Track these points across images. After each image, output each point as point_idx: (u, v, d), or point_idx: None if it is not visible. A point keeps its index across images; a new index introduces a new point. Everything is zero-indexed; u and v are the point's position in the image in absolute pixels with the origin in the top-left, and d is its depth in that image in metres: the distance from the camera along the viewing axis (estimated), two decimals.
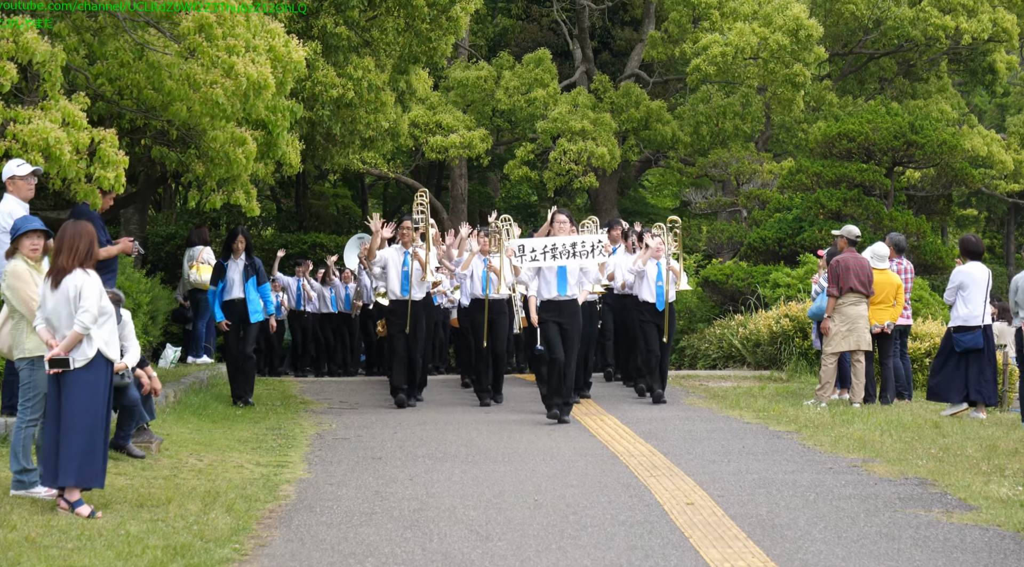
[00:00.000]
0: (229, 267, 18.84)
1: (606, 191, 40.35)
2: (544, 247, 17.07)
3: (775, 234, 31.00)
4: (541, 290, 17.24)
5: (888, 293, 18.93)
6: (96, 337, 10.56)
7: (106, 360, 10.67)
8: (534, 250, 17.08)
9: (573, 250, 17.01)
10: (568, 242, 17.04)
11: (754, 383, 22.36)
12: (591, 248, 17.02)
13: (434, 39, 23.45)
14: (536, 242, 17.21)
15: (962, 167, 32.76)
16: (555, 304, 17.09)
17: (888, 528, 10.21)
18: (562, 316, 17.04)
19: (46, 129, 12.95)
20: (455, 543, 9.71)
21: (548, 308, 17.14)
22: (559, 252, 17.00)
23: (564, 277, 17.08)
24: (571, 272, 17.09)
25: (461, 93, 38.51)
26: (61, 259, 10.59)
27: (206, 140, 16.17)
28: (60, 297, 10.54)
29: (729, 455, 14.11)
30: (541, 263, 17.03)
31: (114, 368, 10.97)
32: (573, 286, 17.14)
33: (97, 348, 10.57)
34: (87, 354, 10.53)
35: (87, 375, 10.55)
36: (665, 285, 19.33)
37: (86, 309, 10.43)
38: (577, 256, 16.99)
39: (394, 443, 15.15)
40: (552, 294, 17.11)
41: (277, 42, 15.77)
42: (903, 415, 17.28)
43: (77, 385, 10.51)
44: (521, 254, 17.13)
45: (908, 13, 38.25)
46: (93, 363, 10.56)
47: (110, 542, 9.38)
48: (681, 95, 43.18)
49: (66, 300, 10.52)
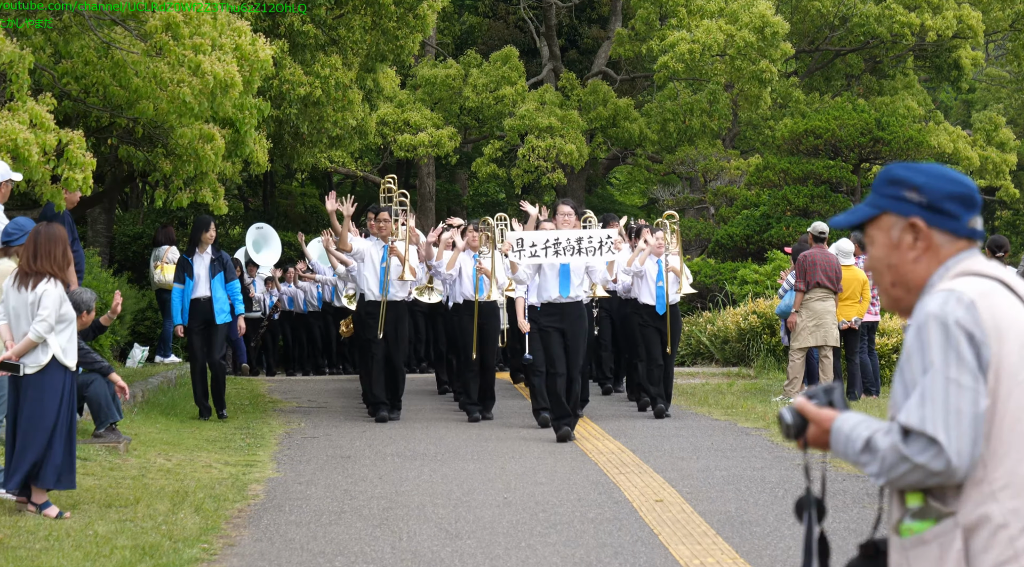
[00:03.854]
0: (195, 262, 17.21)
1: (574, 188, 40.37)
2: (546, 242, 15.50)
3: (743, 231, 31.10)
4: (541, 291, 15.65)
5: (855, 289, 19.01)
6: (53, 343, 10.51)
7: (63, 367, 10.61)
8: (535, 245, 15.48)
9: (578, 246, 15.50)
10: (573, 237, 15.54)
11: (722, 380, 22.41)
12: (599, 244, 15.57)
13: (401, 37, 23.44)
14: (538, 236, 15.64)
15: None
16: (556, 307, 15.53)
17: (856, 524, 10.26)
18: (564, 321, 15.49)
19: (14, 130, 12.91)
20: (424, 541, 9.71)
21: (548, 312, 15.56)
22: (563, 248, 15.48)
23: (567, 276, 15.52)
24: (575, 271, 15.57)
25: (429, 91, 38.49)
26: (37, 262, 10.53)
27: (174, 137, 16.13)
28: (22, 299, 10.50)
29: (698, 452, 14.15)
30: (542, 260, 15.46)
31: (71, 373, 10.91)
32: (577, 287, 15.62)
33: (52, 354, 10.52)
34: (40, 361, 10.49)
35: (42, 380, 10.50)
36: (666, 286, 17.65)
37: (42, 318, 10.38)
38: (583, 253, 15.51)
39: (363, 442, 15.14)
40: (553, 296, 15.54)
41: (244, 40, 15.74)
42: (870, 411, 17.36)
43: (34, 390, 10.47)
44: (520, 248, 15.51)
45: (874, 10, 38.39)
46: (48, 369, 10.51)
47: (78, 542, 9.35)
48: (648, 92, 43.27)
49: (26, 303, 10.48)
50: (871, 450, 3.68)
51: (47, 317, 10.40)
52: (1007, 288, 3.78)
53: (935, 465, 3.59)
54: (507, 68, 37.98)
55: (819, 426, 3.86)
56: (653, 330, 17.62)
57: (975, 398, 3.62)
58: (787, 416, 3.90)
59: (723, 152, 38.32)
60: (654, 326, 17.63)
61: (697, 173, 38.24)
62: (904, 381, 3.71)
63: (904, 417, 3.64)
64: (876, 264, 3.95)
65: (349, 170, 38.77)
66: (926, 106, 42.47)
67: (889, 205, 3.89)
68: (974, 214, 3.87)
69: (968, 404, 3.61)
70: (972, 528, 3.65)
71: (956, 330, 3.65)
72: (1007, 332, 3.68)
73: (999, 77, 53.68)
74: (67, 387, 10.63)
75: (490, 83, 37.79)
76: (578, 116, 37.32)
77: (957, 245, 3.84)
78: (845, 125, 31.05)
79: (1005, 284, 3.79)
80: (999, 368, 3.67)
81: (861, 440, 3.71)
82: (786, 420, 3.91)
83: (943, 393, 3.61)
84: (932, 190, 3.84)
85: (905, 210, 3.86)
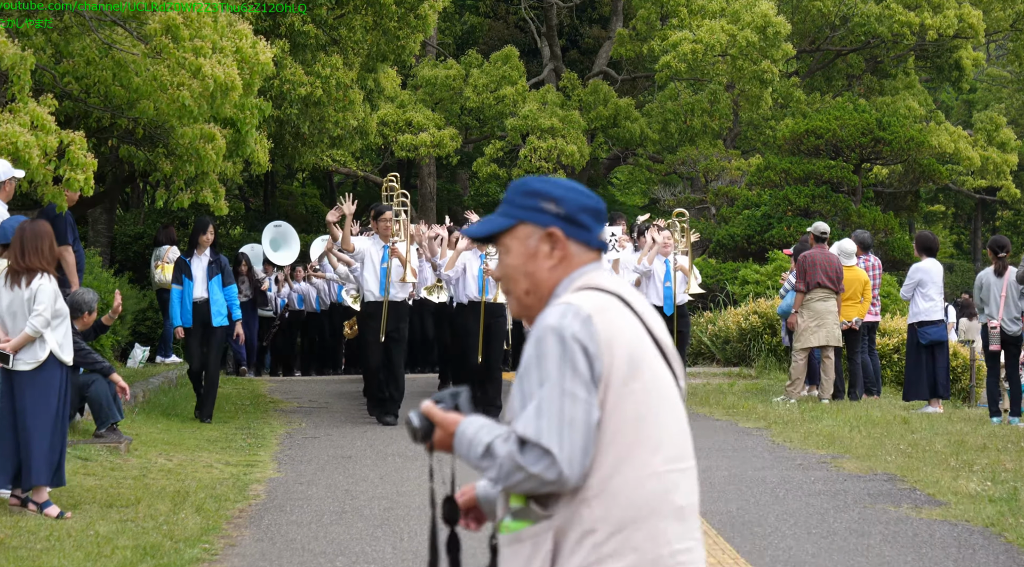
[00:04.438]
0: (192, 264, 17.00)
1: None
2: None
3: (744, 231, 31.10)
4: None
5: (856, 289, 18.99)
6: (49, 339, 10.53)
7: (59, 362, 10.63)
8: None
9: None
10: None
11: (723, 380, 22.39)
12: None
13: (402, 37, 23.43)
14: None
15: (929, 163, 32.93)
16: None
17: (858, 524, 10.24)
18: None
19: (15, 133, 12.91)
20: (425, 541, 9.68)
21: None
22: None
23: None
24: None
25: (429, 91, 38.50)
26: (26, 259, 10.54)
27: (174, 137, 16.11)
28: (17, 296, 10.51)
29: (699, 452, 14.02)
30: None
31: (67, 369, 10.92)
32: None
33: (49, 350, 10.54)
34: (38, 357, 10.50)
35: (39, 376, 10.51)
36: (673, 286, 17.54)
37: (39, 313, 10.40)
38: None
39: (364, 442, 15.13)
40: None
41: (244, 43, 15.72)
42: (872, 411, 17.34)
43: (30, 386, 10.48)
44: None
45: (874, 10, 38.40)
46: (45, 365, 10.52)
47: (79, 543, 9.35)
48: (649, 92, 43.28)
49: (22, 300, 10.49)
50: (491, 456, 3.81)
51: (43, 311, 10.41)
52: (624, 303, 3.92)
53: (548, 475, 3.72)
54: (508, 68, 37.99)
55: (444, 430, 3.97)
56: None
57: (588, 410, 3.75)
58: (414, 420, 4.00)
59: (724, 152, 38.34)
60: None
61: (698, 173, 38.26)
62: (522, 390, 3.82)
63: (521, 427, 3.75)
64: (511, 272, 4.05)
65: (350, 170, 38.77)
66: (927, 106, 42.52)
67: (526, 216, 4.00)
68: (603, 228, 4.06)
69: (581, 416, 3.74)
70: (563, 531, 3.81)
71: (572, 343, 3.77)
72: (618, 347, 3.81)
73: (1000, 77, 53.70)
74: (64, 383, 10.65)
75: (491, 83, 37.80)
76: (579, 116, 37.33)
77: (587, 257, 4.00)
78: (846, 125, 31.06)
79: (622, 299, 3.93)
80: (609, 380, 3.79)
81: (482, 445, 3.83)
82: (413, 424, 4.00)
83: (558, 405, 3.73)
84: (569, 202, 3.99)
85: (543, 220, 3.98)
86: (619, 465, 3.80)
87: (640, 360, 3.85)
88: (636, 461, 3.82)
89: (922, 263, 18.39)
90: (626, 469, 3.81)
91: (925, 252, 18.50)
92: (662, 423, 3.91)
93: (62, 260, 13.11)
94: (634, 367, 3.83)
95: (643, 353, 3.87)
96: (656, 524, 3.82)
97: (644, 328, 3.92)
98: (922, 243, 18.68)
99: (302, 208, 42.88)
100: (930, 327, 18.14)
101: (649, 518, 3.81)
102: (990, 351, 17.23)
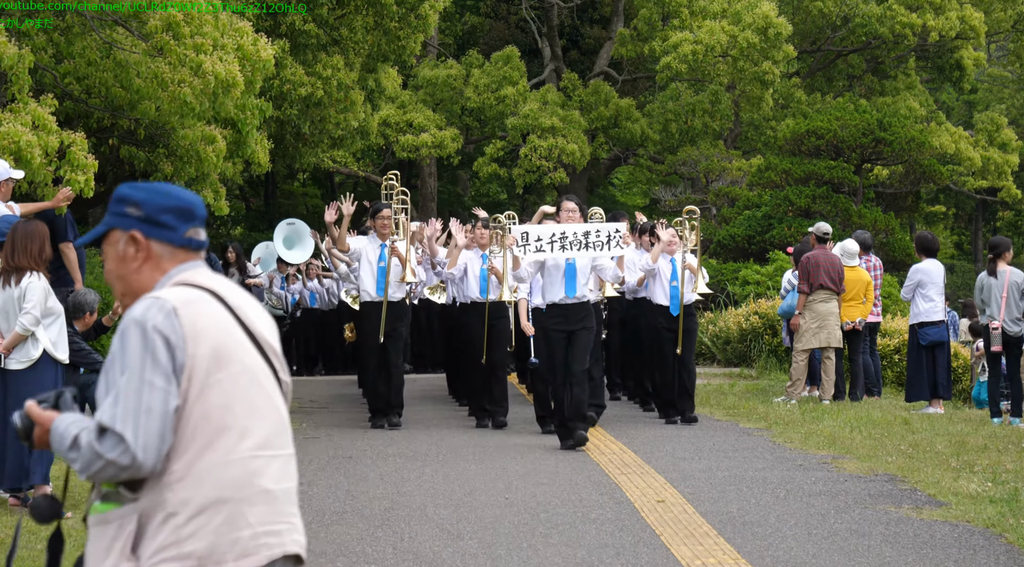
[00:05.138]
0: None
1: (576, 189, 40.35)
2: (552, 235, 14.47)
3: (744, 231, 31.11)
4: (546, 292, 14.77)
5: (858, 290, 18.98)
6: (43, 338, 10.54)
7: (54, 361, 10.64)
8: (540, 239, 14.46)
9: (586, 240, 14.47)
10: (580, 231, 14.51)
11: (724, 380, 22.39)
12: (607, 238, 14.58)
13: (403, 37, 23.43)
14: (543, 229, 14.62)
15: (930, 164, 32.93)
16: (561, 309, 14.54)
17: (858, 525, 10.23)
18: (570, 323, 14.47)
19: (17, 133, 12.91)
20: (426, 542, 9.70)
21: (553, 314, 14.60)
22: (569, 242, 14.46)
23: (573, 275, 14.54)
24: (581, 270, 14.57)
25: (430, 91, 38.48)
26: (15, 258, 10.57)
27: (175, 138, 16.13)
28: (8, 295, 10.54)
29: (700, 453, 14.12)
30: (547, 255, 14.47)
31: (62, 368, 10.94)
32: (583, 286, 14.61)
33: (43, 349, 10.55)
34: (31, 355, 10.53)
35: (32, 375, 10.52)
36: (680, 286, 16.79)
37: (28, 311, 10.43)
38: (590, 247, 14.48)
39: (364, 442, 15.13)
40: (559, 296, 14.55)
41: (245, 40, 15.73)
42: (872, 412, 17.33)
43: (23, 386, 10.48)
44: (524, 243, 14.50)
45: (876, 10, 38.38)
46: (38, 364, 10.54)
47: (80, 543, 9.33)
48: (650, 93, 43.25)
49: (13, 299, 10.52)
50: (77, 448, 3.95)
51: (31, 309, 10.45)
52: (216, 298, 4.11)
53: (123, 460, 3.88)
54: (509, 68, 37.98)
55: (42, 427, 4.10)
56: (667, 333, 16.84)
57: (166, 398, 3.94)
58: (16, 420, 4.13)
59: (725, 153, 38.33)
60: (668, 328, 16.83)
61: (699, 173, 38.25)
62: (107, 380, 3.99)
63: (100, 416, 3.93)
64: (109, 276, 4.25)
65: (351, 170, 38.77)
66: (928, 107, 42.48)
67: (115, 222, 4.21)
68: (193, 225, 4.22)
69: (159, 403, 3.92)
70: (148, 514, 3.97)
71: (153, 334, 3.96)
72: (204, 339, 4.00)
73: (1001, 78, 53.67)
74: (58, 382, 10.66)
75: (492, 83, 37.78)
76: (580, 116, 37.33)
77: (179, 256, 4.20)
78: (847, 126, 31.06)
79: (215, 294, 4.12)
80: (192, 371, 3.98)
81: (70, 438, 3.98)
82: (15, 423, 4.13)
83: (136, 393, 3.92)
84: (149, 204, 4.19)
85: (126, 224, 4.19)
86: (203, 451, 3.97)
87: (230, 352, 4.03)
88: (221, 447, 3.99)
89: (922, 264, 18.39)
90: (210, 455, 3.98)
91: (925, 253, 18.50)
92: (253, 412, 4.06)
93: (64, 257, 13.12)
94: (221, 358, 4.01)
95: (233, 345, 4.05)
96: (238, 507, 3.99)
97: (238, 322, 4.10)
98: (922, 244, 18.68)
99: (303, 208, 42.89)
100: (930, 328, 18.14)
101: (231, 501, 3.98)
102: (991, 352, 17.22)
